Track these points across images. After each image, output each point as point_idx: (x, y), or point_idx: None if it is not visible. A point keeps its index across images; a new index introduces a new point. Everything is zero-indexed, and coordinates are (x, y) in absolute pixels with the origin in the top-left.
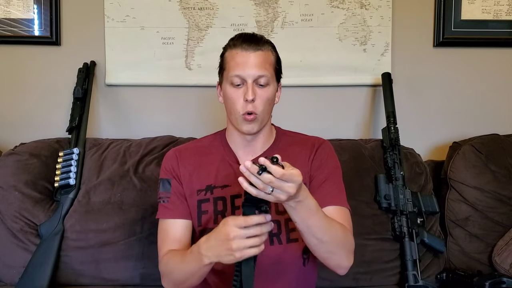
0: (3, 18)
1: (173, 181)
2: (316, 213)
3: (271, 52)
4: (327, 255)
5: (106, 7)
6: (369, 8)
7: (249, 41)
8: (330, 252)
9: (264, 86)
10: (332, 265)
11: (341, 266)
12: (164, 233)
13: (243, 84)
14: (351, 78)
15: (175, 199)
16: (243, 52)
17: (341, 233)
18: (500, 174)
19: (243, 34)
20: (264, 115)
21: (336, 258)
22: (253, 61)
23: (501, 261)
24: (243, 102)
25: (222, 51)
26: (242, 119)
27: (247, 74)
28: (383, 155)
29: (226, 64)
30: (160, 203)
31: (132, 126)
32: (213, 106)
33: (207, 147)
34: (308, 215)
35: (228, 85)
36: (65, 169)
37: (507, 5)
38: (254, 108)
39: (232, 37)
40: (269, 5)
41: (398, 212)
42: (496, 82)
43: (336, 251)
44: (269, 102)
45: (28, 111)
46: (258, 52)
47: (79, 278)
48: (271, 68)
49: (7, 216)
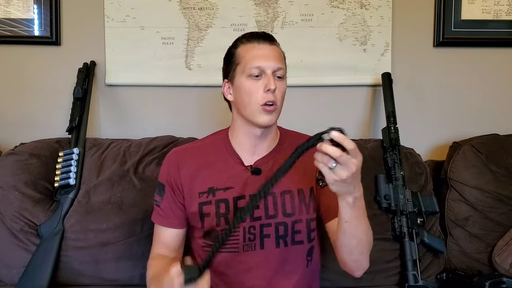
0: (3, 18)
1: (167, 188)
2: (364, 212)
3: (281, 50)
4: (358, 257)
5: (106, 7)
6: (369, 8)
7: (264, 36)
8: (361, 253)
9: (281, 78)
10: (355, 267)
11: (363, 268)
12: (156, 235)
13: (262, 76)
14: (351, 78)
15: (166, 206)
16: (260, 45)
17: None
18: (500, 174)
19: (255, 32)
20: (280, 108)
21: (363, 260)
22: (271, 53)
23: (501, 261)
24: (262, 92)
25: (230, 49)
26: (260, 110)
27: (268, 65)
28: (383, 155)
29: (241, 59)
30: (154, 206)
31: (132, 126)
32: (213, 106)
33: (209, 148)
34: (359, 214)
35: (244, 78)
36: (65, 169)
37: (507, 5)
38: (275, 98)
39: (242, 35)
40: (269, 5)
41: (398, 212)
42: (496, 82)
43: (365, 252)
44: (284, 96)
45: (28, 111)
46: (274, 47)
47: (79, 278)
48: (284, 64)
49: (7, 216)
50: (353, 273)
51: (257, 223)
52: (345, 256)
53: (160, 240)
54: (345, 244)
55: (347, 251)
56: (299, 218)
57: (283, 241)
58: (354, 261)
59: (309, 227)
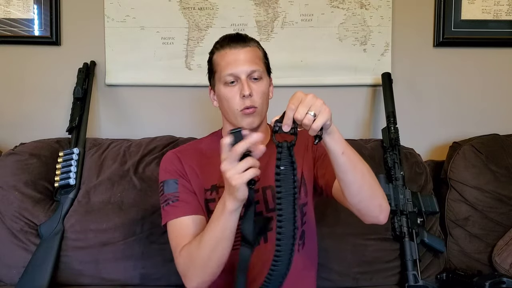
0: (3, 18)
1: (180, 180)
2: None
3: (257, 48)
4: (371, 193)
5: (106, 7)
6: (369, 8)
7: (235, 39)
8: (372, 188)
9: (258, 80)
10: (376, 205)
11: (383, 208)
12: (177, 232)
13: (237, 82)
14: (351, 78)
15: (185, 196)
16: (232, 50)
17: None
18: (500, 174)
19: (227, 35)
20: (263, 108)
21: (378, 196)
22: (243, 57)
23: (501, 261)
24: (239, 99)
25: (209, 56)
26: (241, 115)
27: (240, 70)
28: (383, 155)
29: (216, 67)
30: (168, 205)
31: (132, 126)
32: (213, 106)
33: (207, 150)
34: (346, 144)
35: (221, 86)
36: (65, 169)
37: (507, 5)
38: (253, 102)
39: (216, 41)
40: (269, 5)
41: (398, 212)
42: (496, 82)
43: (377, 186)
44: (265, 95)
45: (28, 111)
46: (247, 48)
47: (79, 278)
48: (261, 62)
49: (7, 216)
50: (378, 218)
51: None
52: (360, 196)
53: (184, 234)
54: (353, 181)
55: (359, 190)
56: None
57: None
58: (370, 199)
59: (302, 212)
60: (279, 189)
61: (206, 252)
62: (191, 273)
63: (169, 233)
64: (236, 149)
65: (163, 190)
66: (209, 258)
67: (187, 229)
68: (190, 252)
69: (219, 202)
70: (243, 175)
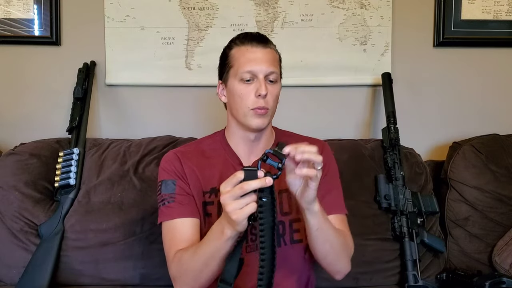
0: (3, 18)
1: (178, 181)
2: (327, 217)
3: (276, 51)
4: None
5: (106, 7)
6: (369, 8)
7: (258, 39)
8: (338, 256)
9: (273, 82)
10: (334, 270)
11: (341, 272)
12: (171, 235)
13: (253, 80)
14: (351, 78)
15: (181, 198)
16: (253, 48)
17: (346, 238)
18: (500, 174)
19: (249, 33)
20: (273, 111)
21: (340, 264)
22: (264, 57)
23: (501, 261)
24: (254, 97)
25: (225, 50)
26: (252, 114)
27: (259, 69)
28: (383, 155)
29: (234, 61)
30: (164, 205)
31: (132, 126)
32: (213, 106)
33: (208, 150)
34: (324, 218)
35: (236, 82)
36: (65, 169)
37: (507, 5)
38: (266, 103)
39: (236, 36)
40: (269, 5)
41: (398, 212)
42: (496, 82)
43: (342, 256)
44: (277, 99)
45: (28, 111)
46: (267, 49)
47: (79, 278)
48: (278, 66)
49: (7, 216)
50: (334, 275)
51: (257, 223)
52: (323, 261)
53: (178, 237)
54: (320, 250)
55: (324, 255)
56: (296, 217)
57: (282, 240)
58: (330, 265)
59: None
60: (262, 221)
61: (199, 265)
62: (183, 280)
63: (163, 233)
64: (245, 187)
65: (160, 190)
66: (200, 271)
67: (181, 233)
68: (183, 261)
69: (218, 222)
70: (244, 210)
